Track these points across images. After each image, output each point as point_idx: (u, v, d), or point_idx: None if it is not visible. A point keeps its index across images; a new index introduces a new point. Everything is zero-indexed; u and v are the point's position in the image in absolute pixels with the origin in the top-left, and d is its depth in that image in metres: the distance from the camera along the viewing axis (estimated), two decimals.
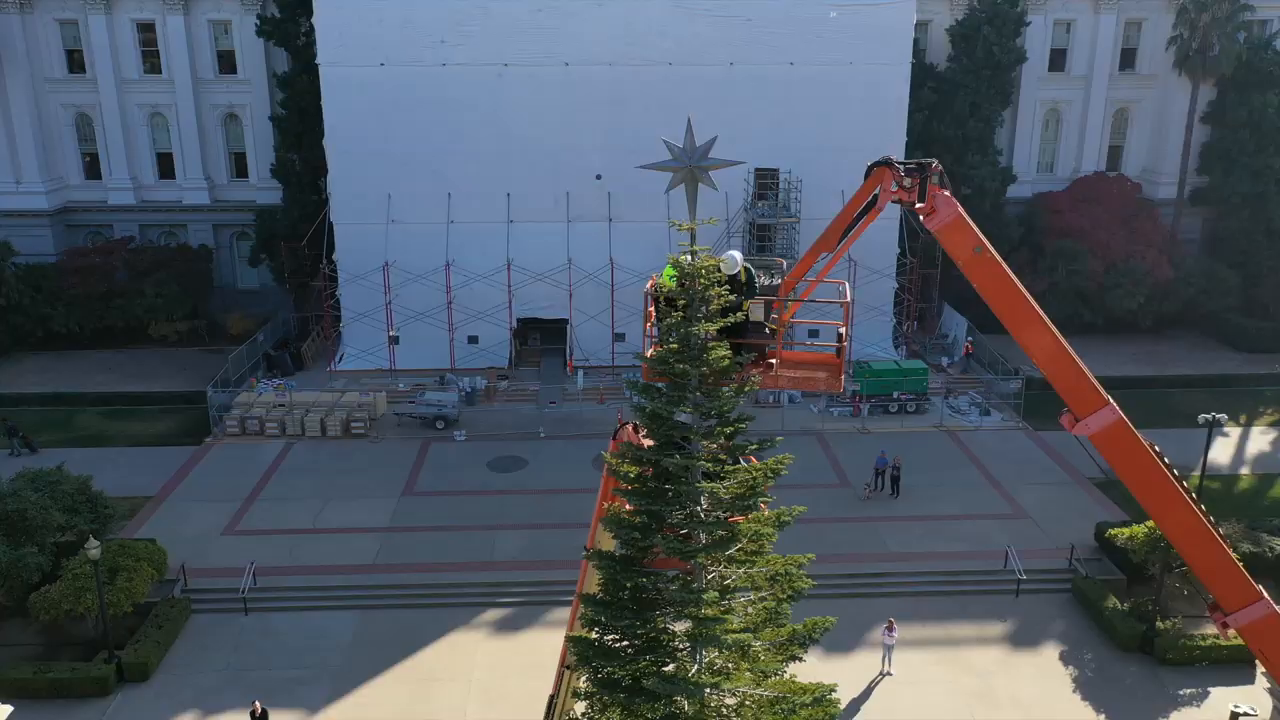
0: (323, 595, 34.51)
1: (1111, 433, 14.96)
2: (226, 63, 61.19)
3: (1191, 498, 15.66)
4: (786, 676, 13.97)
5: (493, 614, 33.90)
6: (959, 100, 58.52)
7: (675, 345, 13.14)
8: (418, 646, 32.14)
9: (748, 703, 13.40)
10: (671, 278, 13.57)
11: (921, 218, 14.39)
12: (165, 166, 62.65)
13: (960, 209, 14.42)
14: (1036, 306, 15.29)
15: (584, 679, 15.19)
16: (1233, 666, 30.94)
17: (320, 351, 56.46)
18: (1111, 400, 15.21)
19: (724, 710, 13.38)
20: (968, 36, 58.63)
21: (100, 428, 49.02)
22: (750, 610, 13.84)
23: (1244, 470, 45.13)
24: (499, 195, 53.16)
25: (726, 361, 13.21)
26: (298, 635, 32.60)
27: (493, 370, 53.63)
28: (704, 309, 13.18)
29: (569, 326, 54.29)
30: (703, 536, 13.26)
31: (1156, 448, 15.36)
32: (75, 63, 60.93)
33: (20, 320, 56.64)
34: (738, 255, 14.29)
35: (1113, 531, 35.45)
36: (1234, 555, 16.08)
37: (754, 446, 14.03)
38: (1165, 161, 62.84)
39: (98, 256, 58.44)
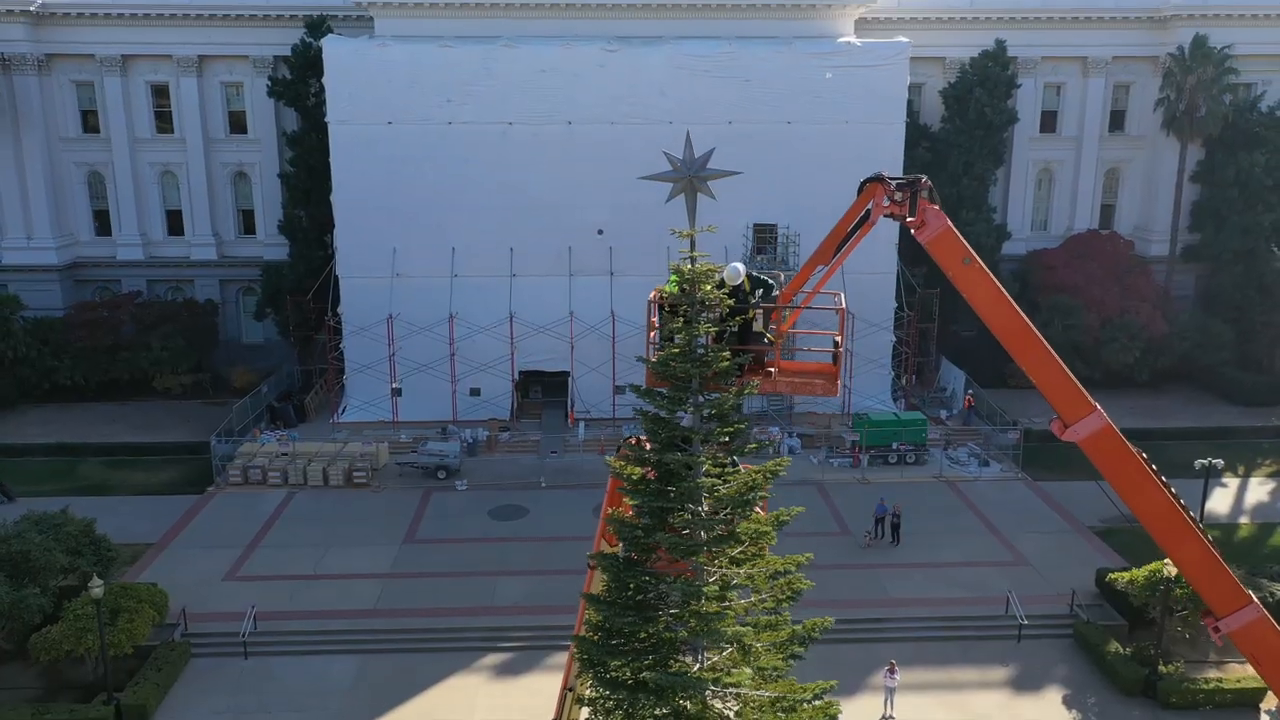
0: (323, 639, 34.44)
1: (1099, 438, 15.38)
2: (237, 122, 62.70)
3: (1181, 504, 16.01)
4: (788, 679, 14.19)
5: (493, 658, 33.81)
6: (953, 159, 59.83)
7: (677, 348, 13.63)
8: (418, 690, 32.01)
9: (750, 704, 13.57)
10: (674, 283, 14.13)
11: (913, 231, 14.98)
12: (174, 223, 63.79)
13: (949, 222, 15.04)
14: (1024, 316, 15.82)
15: (589, 685, 15.34)
16: (1236, 710, 30.81)
17: (323, 404, 56.87)
18: (1099, 406, 15.63)
19: (726, 710, 13.57)
20: (960, 98, 60.16)
21: (103, 477, 49.21)
22: (750, 609, 14.09)
23: (1243, 520, 45.27)
24: (502, 249, 54.03)
25: (726, 363, 13.68)
26: (298, 679, 32.48)
27: (494, 422, 53.98)
28: (705, 314, 13.71)
29: (570, 379, 54.78)
30: (703, 533, 13.59)
31: (1144, 455, 15.76)
32: (89, 123, 62.44)
33: (27, 373, 57.15)
34: (740, 267, 14.85)
35: (1113, 575, 35.52)
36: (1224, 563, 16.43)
37: (753, 446, 14.44)
38: (1157, 220, 63.98)
39: (105, 310, 59.21)
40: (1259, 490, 48.31)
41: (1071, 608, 36.05)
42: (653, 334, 15.06)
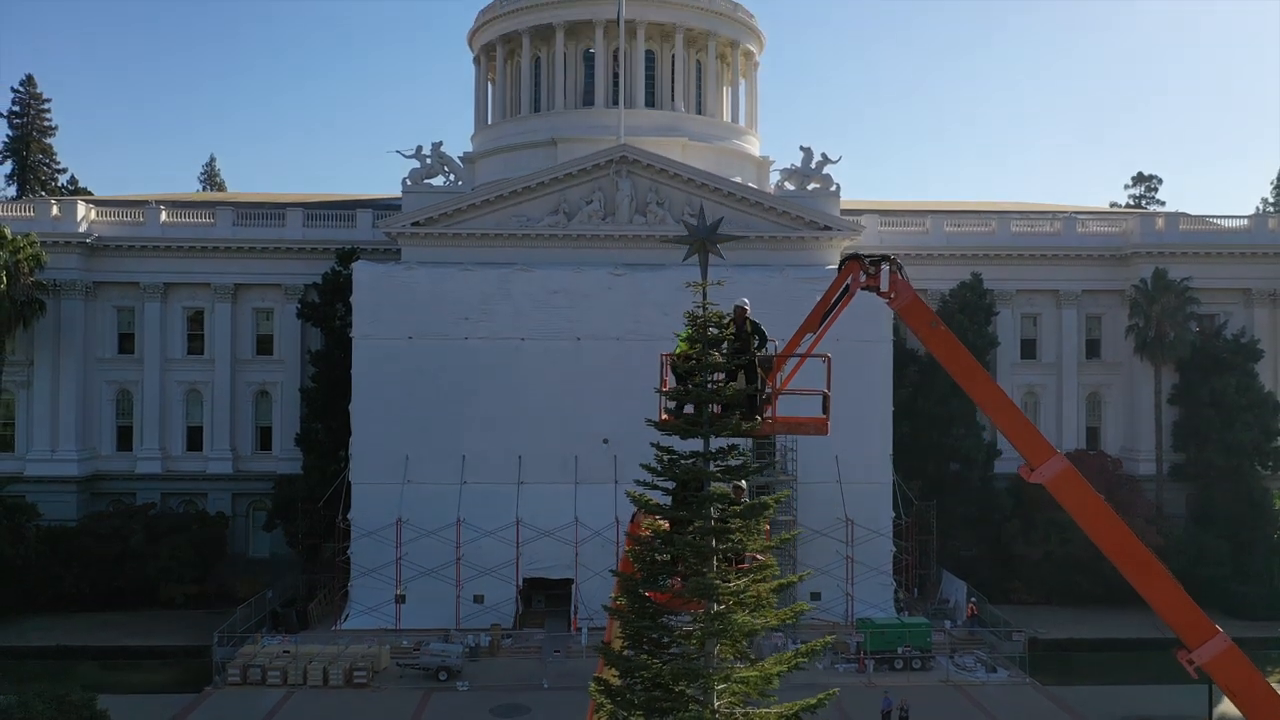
0: None
1: (1061, 478, 16.90)
2: (264, 344, 66.64)
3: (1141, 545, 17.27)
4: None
5: None
6: (940, 380, 62.94)
7: (692, 380, 15.53)
8: None
9: None
10: (686, 339, 16.31)
11: (887, 302, 17.28)
12: (194, 438, 66.25)
13: (915, 294, 17.42)
14: (982, 368, 17.89)
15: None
16: None
17: (326, 612, 56.86)
18: (1059, 451, 17.31)
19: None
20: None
21: (98, 678, 48.49)
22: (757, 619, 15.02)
23: None
24: (511, 457, 56.07)
25: (731, 389, 15.52)
26: None
27: (496, 627, 53.83)
28: (717, 347, 15.75)
29: (574, 586, 55.13)
30: (714, 541, 14.81)
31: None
32: (124, 344, 66.29)
33: (33, 580, 57.46)
34: (746, 301, 17.17)
35: None
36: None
37: (756, 467, 15.95)
38: (1141, 440, 66.44)
39: (118, 520, 60.40)
40: None
41: None
42: (664, 387, 16.99)
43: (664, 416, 16.26)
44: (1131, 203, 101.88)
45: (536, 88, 71.02)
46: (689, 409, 16.42)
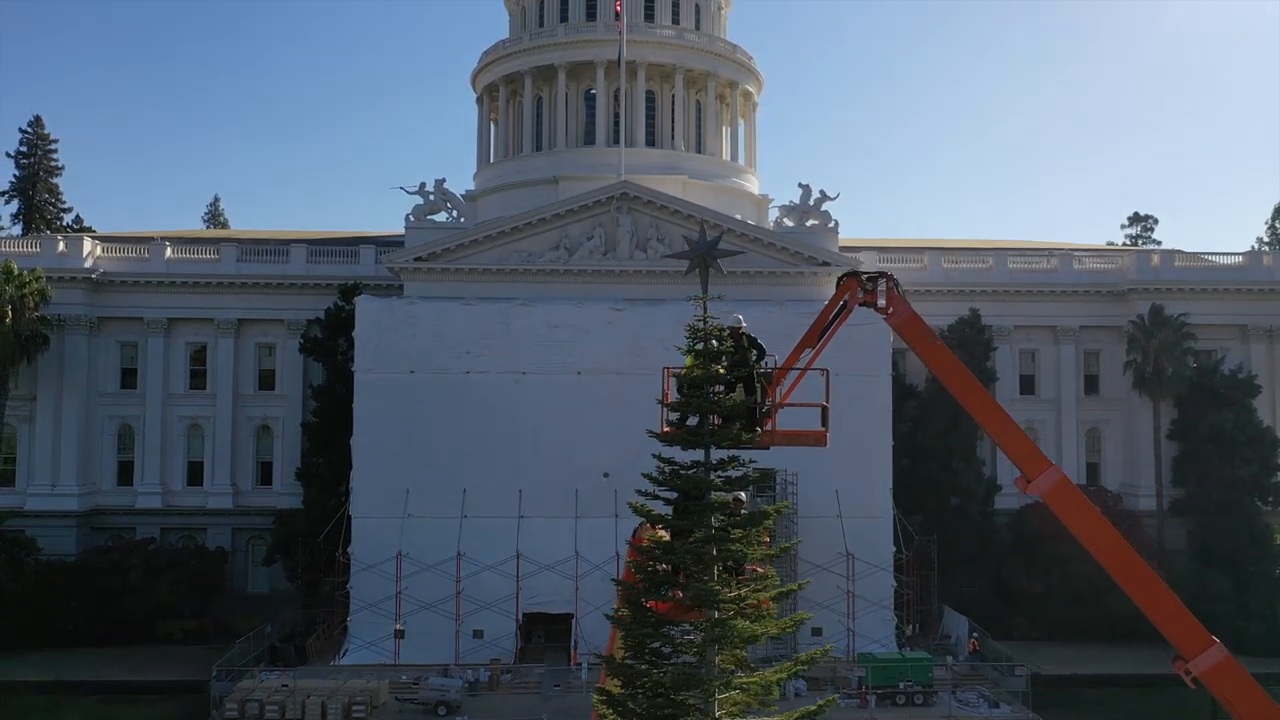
0: None
1: (1057, 490, 17.09)
2: (266, 380, 66.94)
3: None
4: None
5: None
6: (939, 415, 63.25)
7: (695, 392, 15.84)
8: None
9: None
10: (691, 352, 16.65)
11: (884, 317, 17.62)
12: (194, 473, 66.30)
13: (912, 308, 17.76)
14: (977, 382, 18.20)
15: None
16: None
17: (325, 647, 56.57)
18: (1055, 464, 17.48)
19: None
20: None
21: (97, 713, 48.37)
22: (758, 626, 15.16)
23: None
24: (511, 491, 56.06)
25: (734, 402, 15.81)
26: None
27: (496, 662, 53.52)
28: (718, 359, 16.08)
29: (574, 620, 54.89)
30: (714, 549, 15.01)
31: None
32: (127, 379, 66.56)
33: (30, 615, 57.19)
34: (741, 318, 17.52)
35: None
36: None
37: (756, 476, 16.19)
38: (1141, 475, 66.47)
39: (117, 554, 60.27)
40: None
41: None
42: (666, 400, 17.28)
43: (665, 429, 16.55)
44: (1128, 242, 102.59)
45: (538, 127, 72.02)
46: (692, 420, 16.74)
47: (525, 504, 56.15)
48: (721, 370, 16.44)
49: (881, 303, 17.61)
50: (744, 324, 17.81)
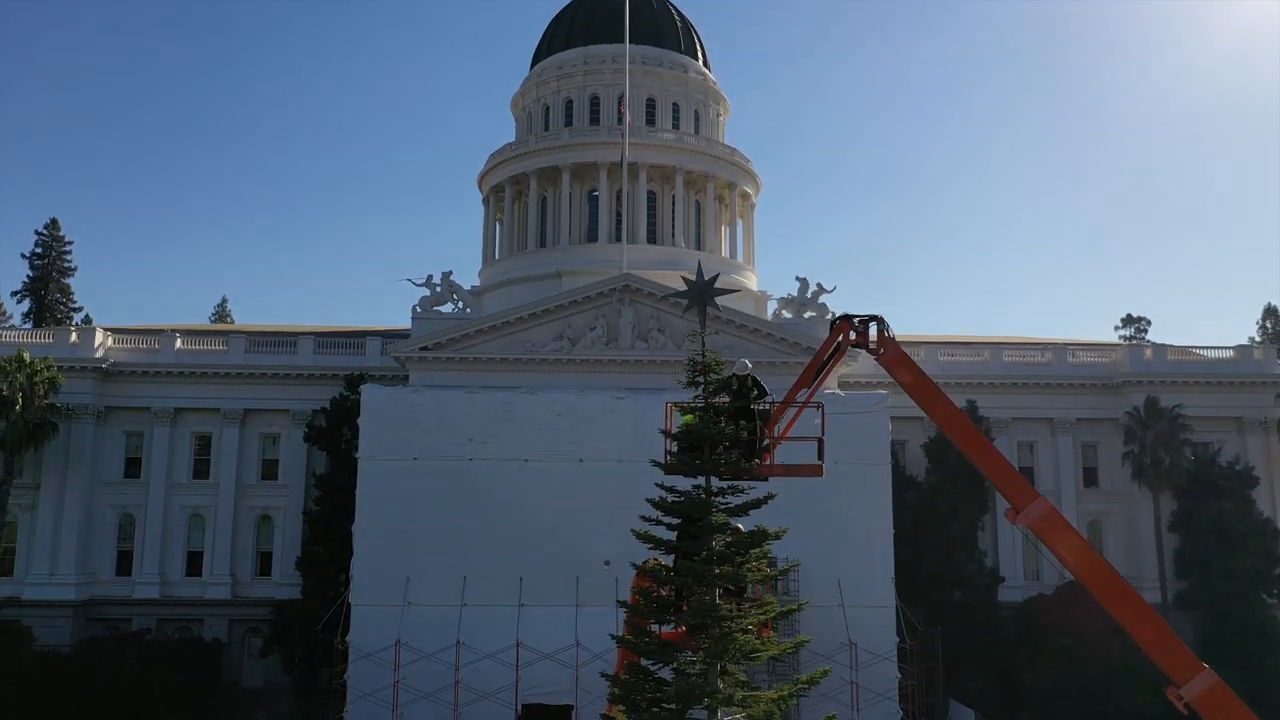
0: None
1: (1045, 520, 17.54)
2: (269, 469, 67.31)
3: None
4: None
5: None
6: (940, 506, 63.47)
7: (700, 420, 16.52)
8: None
9: None
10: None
11: (875, 358, 18.43)
12: (194, 562, 66.07)
13: (900, 348, 18.60)
14: (968, 419, 18.85)
15: None
16: None
17: None
18: (1042, 495, 18.01)
19: None
20: (941, 450, 65.15)
21: None
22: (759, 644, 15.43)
23: None
24: (512, 579, 55.78)
25: (730, 430, 16.48)
26: None
27: None
28: (720, 393, 16.85)
29: (574, 711, 53.95)
30: (717, 570, 15.43)
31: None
32: (131, 466, 66.95)
33: (23, 707, 56.22)
34: (748, 362, 18.28)
35: None
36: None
37: (758, 499, 16.71)
38: (1144, 567, 66.19)
39: (111, 645, 59.61)
40: None
41: None
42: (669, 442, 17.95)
43: (668, 459, 17.22)
44: (1122, 343, 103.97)
45: (543, 225, 74.22)
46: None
47: (526, 592, 55.81)
48: (723, 404, 17.21)
49: (873, 345, 18.48)
50: (750, 368, 18.63)
